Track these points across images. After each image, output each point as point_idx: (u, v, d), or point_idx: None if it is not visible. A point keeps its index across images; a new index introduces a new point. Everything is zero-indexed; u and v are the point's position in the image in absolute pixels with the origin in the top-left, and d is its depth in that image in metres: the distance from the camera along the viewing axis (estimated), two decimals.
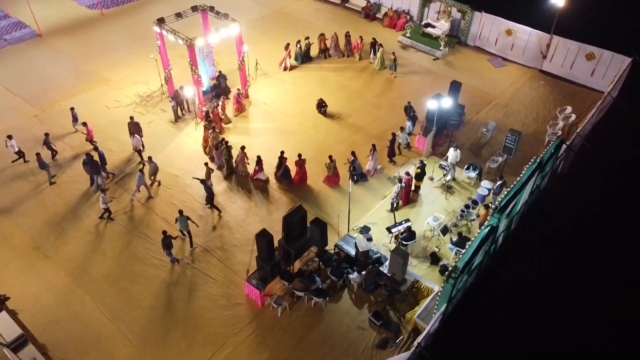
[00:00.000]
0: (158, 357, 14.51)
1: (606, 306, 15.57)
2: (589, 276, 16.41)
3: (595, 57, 25.05)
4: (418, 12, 30.09)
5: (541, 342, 14.65)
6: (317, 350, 14.69)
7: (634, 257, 17.08)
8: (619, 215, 18.62)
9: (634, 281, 16.31)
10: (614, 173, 20.11)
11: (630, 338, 14.78)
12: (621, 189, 19.54)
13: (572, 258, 16.97)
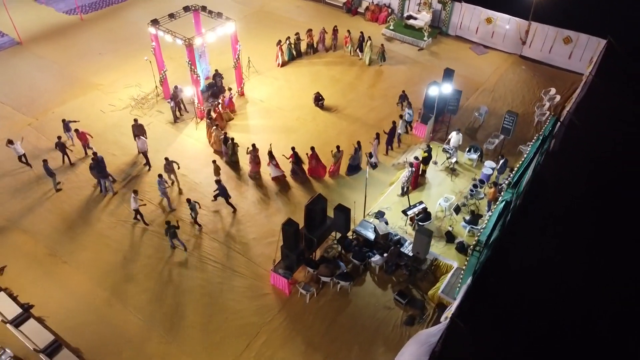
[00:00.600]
0: (195, 351, 14.68)
1: (609, 275, 16.61)
2: (592, 243, 17.46)
3: (572, 41, 26.43)
4: (399, 5, 30.91)
5: (560, 311, 15.53)
6: (349, 332, 15.17)
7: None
8: (608, 184, 19.77)
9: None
10: (602, 148, 21.26)
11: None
12: (609, 163, 20.72)
13: (578, 226, 17.96)
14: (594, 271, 16.47)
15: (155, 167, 20.44)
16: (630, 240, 17.50)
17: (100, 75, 26.04)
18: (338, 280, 15.94)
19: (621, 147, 21.32)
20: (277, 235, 17.79)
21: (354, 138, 21.51)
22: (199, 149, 21.74)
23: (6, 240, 17.70)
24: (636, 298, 15.64)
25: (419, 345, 13.09)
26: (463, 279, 14.67)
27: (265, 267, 16.93)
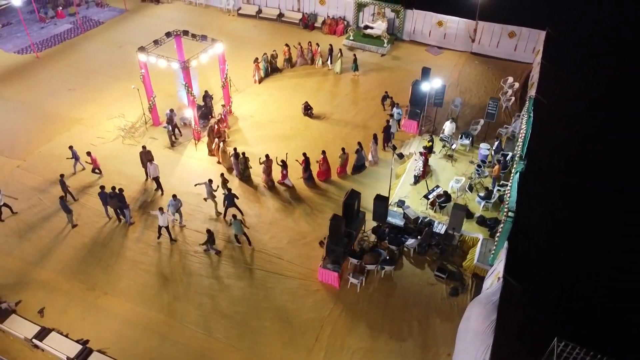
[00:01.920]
0: (268, 352, 15.11)
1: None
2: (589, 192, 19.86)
3: (516, 35, 29.71)
4: (354, 17, 32.91)
5: (578, 258, 17.62)
6: (404, 311, 16.31)
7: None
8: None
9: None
10: (570, 118, 24.04)
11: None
12: (580, 129, 23.54)
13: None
14: (597, 218, 18.84)
15: (167, 191, 20.51)
16: (613, 184, 20.18)
17: (78, 110, 25.47)
18: (383, 266, 17.07)
19: (583, 115, 24.30)
20: (309, 237, 18.84)
21: (350, 139, 23.00)
22: (205, 168, 22.02)
23: (35, 282, 17.06)
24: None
25: (482, 305, 14.52)
26: (499, 243, 16.36)
27: (308, 266, 17.70)
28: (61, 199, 18.56)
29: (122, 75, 28.21)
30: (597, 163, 21.57)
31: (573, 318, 15.11)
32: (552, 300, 15.62)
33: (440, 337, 15.55)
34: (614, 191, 20.30)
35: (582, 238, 18.05)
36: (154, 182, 20.82)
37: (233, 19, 35.13)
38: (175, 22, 34.36)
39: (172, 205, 18.73)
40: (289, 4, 34.65)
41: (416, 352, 15.18)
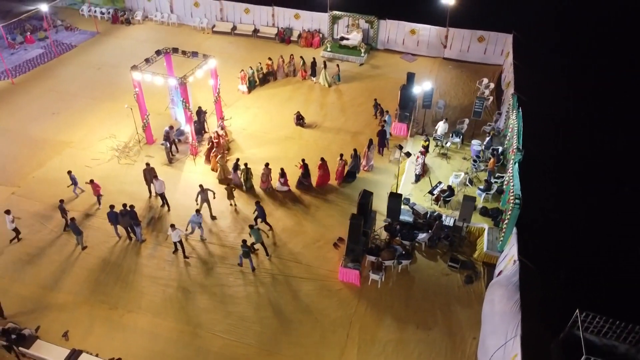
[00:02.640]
0: (303, 352, 15.43)
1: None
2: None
3: (485, 39, 31.50)
4: (329, 29, 33.90)
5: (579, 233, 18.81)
6: (425, 301, 17.04)
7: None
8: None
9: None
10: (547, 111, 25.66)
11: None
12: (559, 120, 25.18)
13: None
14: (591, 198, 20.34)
15: (174, 207, 20.59)
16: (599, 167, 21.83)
17: (65, 133, 25.07)
18: (400, 260, 17.78)
19: (559, 108, 26.00)
20: (321, 240, 19.38)
21: (344, 145, 23.78)
22: (207, 182, 22.06)
23: (53, 306, 16.73)
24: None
25: (504, 287, 15.45)
26: (507, 230, 17.39)
27: (326, 267, 18.20)
28: (72, 220, 18.30)
29: (105, 97, 28.03)
30: (581, 149, 23.23)
31: (589, 290, 16.25)
32: (566, 276, 16.69)
33: (463, 323, 16.34)
34: (602, 174, 21.86)
35: (582, 216, 19.44)
36: (159, 198, 20.79)
37: (208, 36, 35.43)
38: (150, 42, 34.49)
39: (194, 221, 18.79)
40: (264, 20, 35.30)
41: (444, 339, 15.89)
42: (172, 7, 36.69)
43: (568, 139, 23.57)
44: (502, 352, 14.00)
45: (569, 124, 24.56)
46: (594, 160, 22.40)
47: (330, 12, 33.16)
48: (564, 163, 21.83)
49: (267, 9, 34.84)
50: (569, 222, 19.03)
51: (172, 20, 36.80)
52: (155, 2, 37.02)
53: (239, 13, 35.55)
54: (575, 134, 23.97)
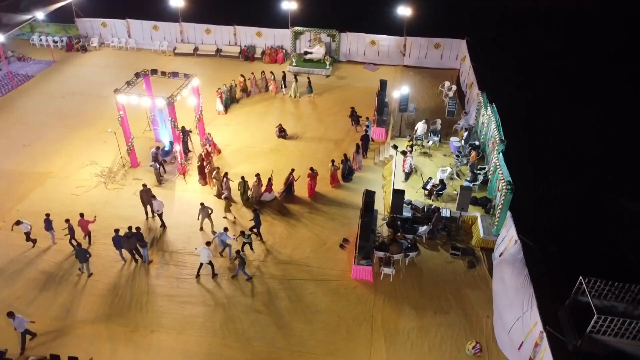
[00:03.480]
0: (334, 349, 15.91)
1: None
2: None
3: (441, 45, 33.63)
4: (291, 45, 34.89)
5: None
6: (436, 288, 18.06)
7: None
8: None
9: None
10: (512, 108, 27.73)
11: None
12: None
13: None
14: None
15: (174, 225, 20.62)
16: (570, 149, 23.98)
17: (43, 164, 24.32)
18: (408, 253, 18.73)
19: (520, 102, 28.21)
20: (327, 242, 20.06)
21: (329, 153, 24.74)
22: (202, 199, 22.11)
23: (71, 335, 16.25)
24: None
25: (511, 265, 16.76)
26: (501, 214, 18.82)
27: (338, 267, 18.86)
28: (78, 246, 17.90)
29: (78, 125, 27.46)
30: (547, 135, 25.44)
31: (583, 259, 17.90)
32: (560, 249, 18.27)
33: (475, 304, 17.47)
34: (570, 154, 24.05)
35: (564, 194, 21.32)
36: (157, 218, 20.68)
37: (171, 58, 35.42)
38: (112, 67, 34.17)
39: (220, 237, 18.94)
40: (225, 39, 35.78)
41: (461, 320, 16.92)
42: (129, 32, 36.38)
43: (533, 127, 25.68)
44: (521, 323, 15.20)
45: (532, 114, 26.75)
46: (560, 144, 24.63)
47: (292, 28, 34.18)
48: (535, 149, 23.79)
49: (229, 28, 35.39)
50: (554, 201, 20.83)
51: (130, 45, 36.49)
52: (111, 27, 36.59)
53: (199, 34, 35.83)
54: (539, 122, 26.19)
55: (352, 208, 21.78)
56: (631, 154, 24.90)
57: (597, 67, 33.09)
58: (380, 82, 26.97)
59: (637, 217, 20.97)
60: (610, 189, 22.36)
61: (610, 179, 23.05)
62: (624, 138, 26.19)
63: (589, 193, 21.71)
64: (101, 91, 30.84)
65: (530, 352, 14.57)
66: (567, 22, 40.46)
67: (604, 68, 33.07)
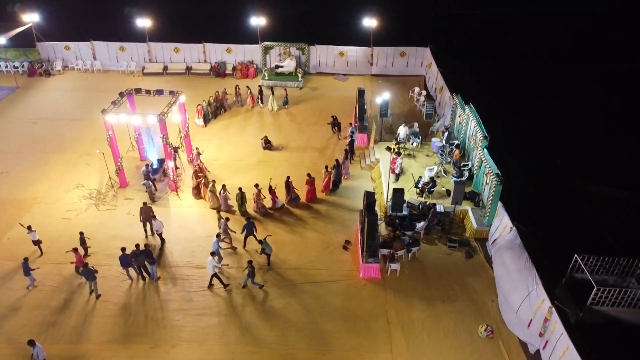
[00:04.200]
0: (356, 344, 16.44)
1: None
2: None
3: (406, 54, 35.23)
4: (261, 60, 35.50)
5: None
6: (441, 279, 19.00)
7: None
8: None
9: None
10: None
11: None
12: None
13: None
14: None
15: (177, 241, 20.65)
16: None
17: (25, 191, 23.64)
18: (411, 248, 19.63)
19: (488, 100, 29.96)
20: (331, 245, 20.68)
21: (316, 161, 25.56)
22: (200, 213, 22.39)
23: (91, 357, 15.98)
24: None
25: (510, 250, 17.97)
26: (492, 205, 20.08)
27: (344, 268, 19.50)
28: (85, 266, 17.62)
29: (55, 150, 26.87)
30: (516, 131, 27.24)
31: (572, 239, 19.40)
32: (547, 233, 19.68)
33: (479, 290, 18.53)
34: (541, 146, 25.86)
35: (541, 182, 22.97)
36: (156, 237, 20.59)
37: (140, 79, 35.15)
38: (80, 90, 33.66)
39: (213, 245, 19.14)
40: (195, 57, 35.94)
41: (468, 306, 17.91)
42: (94, 54, 35.85)
43: (501, 122, 27.39)
44: (528, 302, 16.34)
45: (497, 111, 28.49)
46: (531, 137, 26.47)
47: (262, 43, 34.82)
48: (507, 142, 25.33)
49: (198, 46, 35.59)
50: (538, 187, 22.46)
51: (96, 67, 35.94)
52: (74, 50, 35.95)
53: (168, 53, 35.81)
54: (505, 118, 28.02)
55: (348, 210, 22.55)
56: (586, 142, 27.13)
57: (551, 67, 35.76)
58: (358, 90, 28.02)
59: (607, 199, 22.87)
60: (577, 175, 24.32)
61: (575, 166, 25.06)
62: (578, 129, 28.47)
63: (562, 180, 23.49)
64: (73, 114, 30.44)
65: (539, 328, 15.69)
66: (520, 28, 43.39)
67: (558, 67, 35.79)
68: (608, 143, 27.42)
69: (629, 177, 24.38)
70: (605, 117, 30.31)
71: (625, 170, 25.10)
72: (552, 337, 15.06)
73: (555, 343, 14.87)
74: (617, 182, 23.88)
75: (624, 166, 25.49)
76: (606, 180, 23.98)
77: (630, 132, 28.57)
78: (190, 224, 21.67)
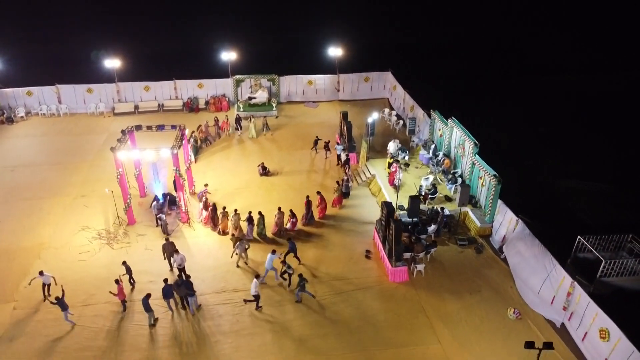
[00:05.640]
0: (408, 340, 17.66)
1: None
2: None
3: (370, 79, 37.79)
4: (233, 92, 36.50)
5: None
6: (461, 274, 20.81)
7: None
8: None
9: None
10: None
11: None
12: None
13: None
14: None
15: (199, 270, 20.97)
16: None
17: (27, 238, 22.88)
18: (429, 250, 21.36)
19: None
20: (354, 256, 21.98)
21: (318, 182, 26.97)
22: (219, 240, 22.79)
23: None
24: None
25: (522, 240, 20.21)
26: (493, 203, 22.39)
27: (372, 275, 20.83)
28: (145, 298, 17.65)
29: (45, 195, 26.21)
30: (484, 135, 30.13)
31: (575, 222, 22.11)
32: (545, 221, 22.17)
33: (497, 279, 20.53)
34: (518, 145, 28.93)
35: (526, 179, 25.81)
36: (180, 272, 20.67)
37: (111, 119, 34.81)
38: (51, 134, 32.96)
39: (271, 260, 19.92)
40: (166, 94, 36.22)
41: (491, 294, 19.81)
42: (59, 97, 35.08)
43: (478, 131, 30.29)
44: (549, 282, 18.52)
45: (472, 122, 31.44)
46: (508, 140, 29.56)
47: (233, 77, 35.90)
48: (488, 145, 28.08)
49: (169, 83, 35.97)
50: (533, 181, 25.28)
51: (62, 110, 35.14)
52: (37, 96, 35.02)
53: (138, 92, 35.83)
54: (478, 127, 30.91)
55: (359, 223, 24.01)
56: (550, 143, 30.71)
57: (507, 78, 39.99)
58: (342, 114, 29.83)
59: (577, 190, 26.05)
60: (551, 171, 27.54)
61: (549, 163, 28.33)
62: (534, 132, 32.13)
63: (543, 176, 26.58)
64: (52, 159, 29.77)
65: (563, 302, 17.86)
66: (466, 50, 47.79)
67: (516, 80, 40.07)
68: (567, 143, 31.08)
69: (590, 170, 27.84)
70: (557, 122, 34.25)
71: (586, 164, 28.60)
72: (578, 307, 17.23)
73: (582, 312, 17.03)
74: (583, 175, 27.22)
75: (584, 161, 29.01)
76: (572, 175, 27.31)
77: (585, 132, 32.37)
78: (213, 252, 22.05)
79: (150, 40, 48.56)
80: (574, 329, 17.51)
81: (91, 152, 30.37)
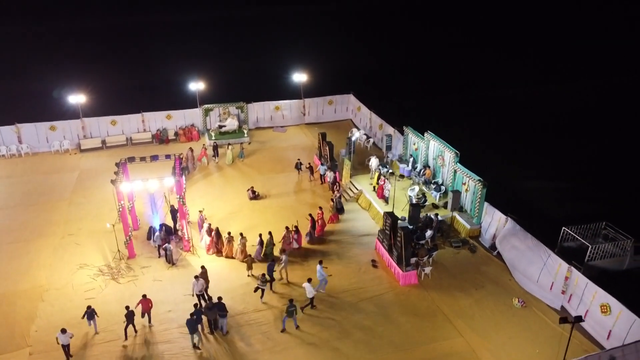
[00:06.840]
0: (431, 337, 18.85)
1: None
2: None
3: (333, 102, 39.51)
4: (202, 122, 36.72)
5: None
6: (465, 274, 22.43)
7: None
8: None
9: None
10: None
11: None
12: None
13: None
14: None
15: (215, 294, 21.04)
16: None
17: (24, 281, 21.91)
18: (431, 253, 22.88)
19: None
20: (362, 266, 23.08)
21: (302, 204, 27.87)
22: (227, 264, 23.00)
23: None
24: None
25: (515, 235, 22.27)
26: (480, 206, 24.44)
27: (384, 282, 21.96)
28: (193, 319, 17.69)
29: (29, 237, 25.21)
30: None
31: (559, 215, 24.51)
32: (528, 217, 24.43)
33: (496, 273, 22.39)
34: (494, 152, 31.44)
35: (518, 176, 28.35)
36: (198, 298, 20.68)
37: (78, 156, 33.81)
38: (16, 175, 31.77)
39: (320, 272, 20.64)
40: (134, 127, 35.73)
41: (494, 287, 21.59)
42: (20, 137, 33.61)
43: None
44: (546, 269, 20.57)
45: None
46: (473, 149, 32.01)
47: (202, 107, 36.20)
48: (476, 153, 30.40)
49: (136, 116, 35.57)
50: (514, 182, 27.66)
51: (23, 150, 33.65)
52: None
53: (104, 126, 35.12)
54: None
55: (358, 235, 25.20)
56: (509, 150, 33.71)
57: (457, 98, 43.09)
58: (320, 134, 31.11)
59: (551, 189, 28.92)
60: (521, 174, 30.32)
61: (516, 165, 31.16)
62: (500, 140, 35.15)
63: (514, 179, 29.26)
64: (26, 200, 28.64)
65: (561, 286, 19.93)
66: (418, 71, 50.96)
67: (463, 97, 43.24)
68: (518, 148, 34.25)
69: (554, 170, 30.93)
70: (515, 130, 37.59)
71: (549, 165, 31.70)
72: (577, 289, 19.34)
73: (581, 293, 19.14)
74: (546, 175, 30.24)
75: (545, 163, 32.16)
76: (539, 175, 30.28)
77: (537, 138, 35.85)
78: (224, 275, 22.22)
79: (115, 75, 47.92)
80: (574, 308, 19.54)
81: (66, 190, 29.39)
